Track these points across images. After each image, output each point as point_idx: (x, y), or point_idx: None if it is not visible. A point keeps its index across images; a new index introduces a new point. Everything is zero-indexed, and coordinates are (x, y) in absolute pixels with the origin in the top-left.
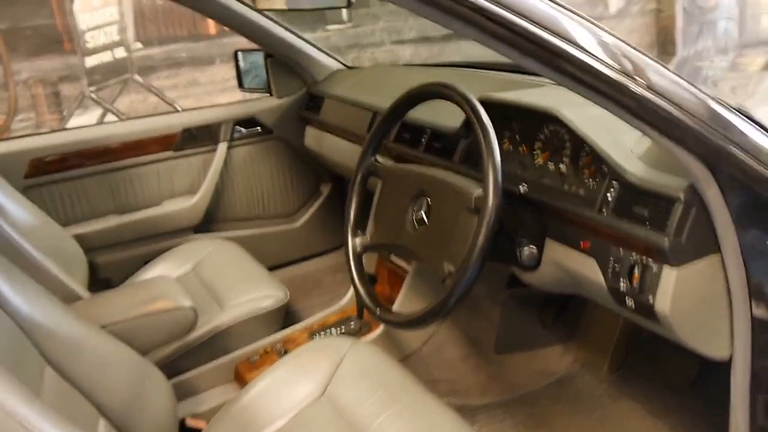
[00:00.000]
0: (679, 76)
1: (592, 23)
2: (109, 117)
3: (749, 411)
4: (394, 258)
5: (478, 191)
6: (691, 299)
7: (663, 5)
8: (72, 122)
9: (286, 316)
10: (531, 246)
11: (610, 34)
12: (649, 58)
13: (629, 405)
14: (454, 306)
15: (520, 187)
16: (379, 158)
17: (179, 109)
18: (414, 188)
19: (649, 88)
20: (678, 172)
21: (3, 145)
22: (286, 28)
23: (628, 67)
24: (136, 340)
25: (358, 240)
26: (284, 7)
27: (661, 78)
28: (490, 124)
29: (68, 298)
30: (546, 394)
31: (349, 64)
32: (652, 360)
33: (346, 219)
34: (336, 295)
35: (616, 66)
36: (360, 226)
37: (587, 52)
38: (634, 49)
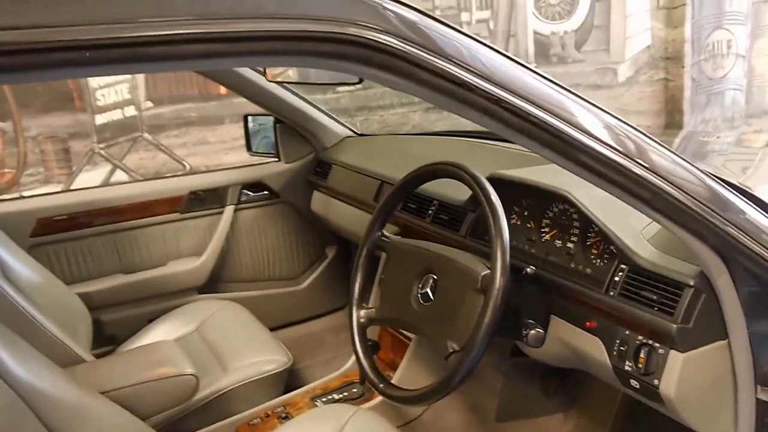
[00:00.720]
0: (681, 157)
1: (599, 108)
2: (118, 174)
3: None
4: None
5: (485, 271)
6: (696, 383)
7: (671, 74)
8: (81, 178)
9: (288, 374)
10: (538, 328)
11: (615, 117)
12: (650, 138)
13: None
14: (458, 384)
15: (528, 269)
16: (386, 232)
17: (187, 166)
18: (420, 265)
19: (651, 170)
20: (688, 257)
21: (11, 204)
22: (296, 95)
23: (632, 149)
24: (138, 406)
25: (362, 312)
26: (295, 80)
27: (662, 159)
28: (501, 207)
29: (70, 360)
30: None
31: (359, 126)
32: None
33: (351, 292)
34: (338, 354)
35: (622, 150)
36: (365, 298)
37: (602, 142)
38: (636, 129)
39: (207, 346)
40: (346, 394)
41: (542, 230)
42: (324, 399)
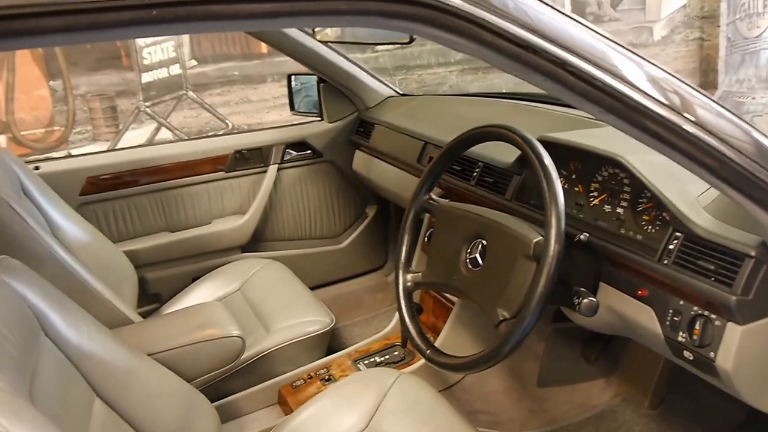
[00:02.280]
0: (746, 122)
1: (667, 71)
2: (163, 131)
3: None
4: None
5: (537, 238)
6: (754, 356)
7: (707, 34)
8: (127, 136)
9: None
10: (591, 297)
11: (682, 80)
12: (719, 104)
13: None
14: (509, 353)
15: (581, 235)
16: (433, 195)
17: (230, 124)
18: (469, 229)
19: (720, 138)
20: (747, 226)
21: (61, 163)
22: (340, 54)
23: (702, 116)
24: (184, 368)
25: (409, 276)
26: (345, 40)
27: (733, 128)
28: (556, 171)
29: (118, 321)
30: (586, 427)
31: (397, 85)
32: (695, 399)
33: (397, 255)
34: (376, 315)
35: (690, 118)
36: (411, 262)
37: (669, 107)
38: (704, 94)
39: (250, 306)
40: (387, 357)
41: (590, 195)
42: (366, 361)
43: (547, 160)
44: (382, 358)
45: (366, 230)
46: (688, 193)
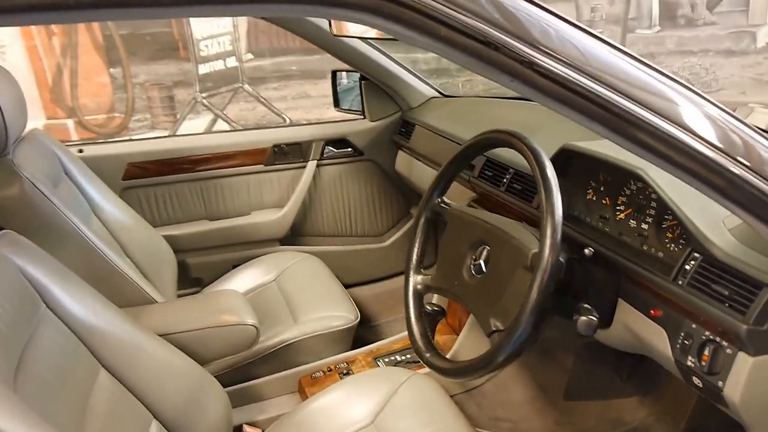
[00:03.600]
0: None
1: (664, 74)
2: (219, 123)
3: None
4: None
5: (535, 249)
6: (765, 390)
7: None
8: (184, 125)
9: (360, 330)
10: (592, 316)
11: (683, 83)
12: (726, 111)
13: None
14: (502, 364)
15: (586, 250)
16: (446, 199)
17: (287, 119)
18: (476, 236)
19: (725, 153)
20: None
21: (105, 148)
22: (383, 53)
23: (704, 127)
24: (197, 351)
25: (419, 278)
26: (357, 35)
27: (743, 139)
28: (556, 182)
29: (142, 301)
30: None
31: (440, 89)
32: (736, 426)
33: (408, 257)
34: None
35: (688, 127)
36: (422, 265)
37: (664, 117)
38: (705, 98)
39: (283, 297)
40: (408, 356)
41: (617, 208)
42: (386, 359)
43: (549, 171)
44: (402, 357)
45: (411, 230)
46: (714, 213)
